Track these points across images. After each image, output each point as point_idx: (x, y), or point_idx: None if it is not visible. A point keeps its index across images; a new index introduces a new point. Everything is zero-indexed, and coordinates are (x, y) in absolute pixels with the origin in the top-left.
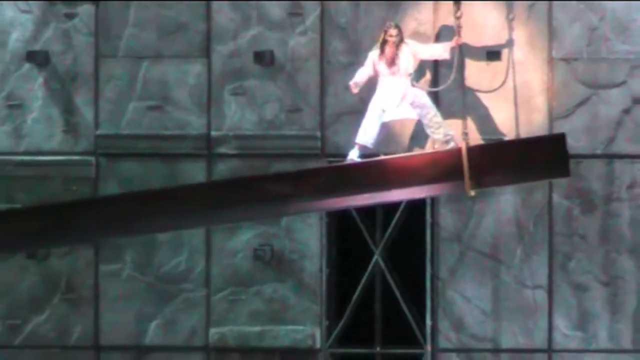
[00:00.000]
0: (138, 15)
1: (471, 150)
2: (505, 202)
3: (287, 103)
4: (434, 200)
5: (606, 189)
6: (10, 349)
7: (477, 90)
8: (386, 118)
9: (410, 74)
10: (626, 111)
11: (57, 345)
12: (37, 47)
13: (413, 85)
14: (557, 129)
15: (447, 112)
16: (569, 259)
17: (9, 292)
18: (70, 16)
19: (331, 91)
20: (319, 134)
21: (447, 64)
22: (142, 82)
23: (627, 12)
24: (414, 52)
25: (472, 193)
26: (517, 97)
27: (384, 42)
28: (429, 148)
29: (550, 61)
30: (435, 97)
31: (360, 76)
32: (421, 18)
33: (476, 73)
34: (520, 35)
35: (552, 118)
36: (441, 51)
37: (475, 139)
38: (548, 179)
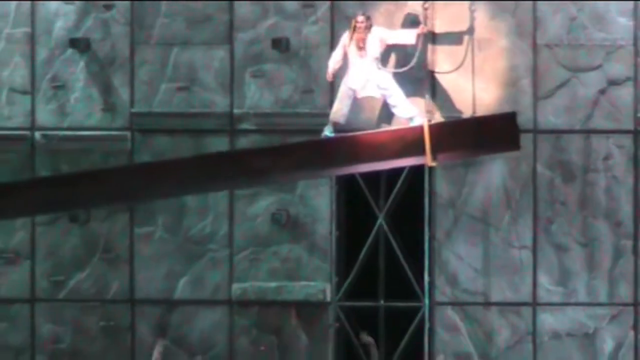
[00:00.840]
0: (168, 7)
1: (432, 127)
2: (495, 172)
3: (301, 84)
4: (431, 170)
5: (584, 161)
6: (55, 303)
7: (439, 72)
8: (358, 95)
9: (377, 58)
10: (602, 92)
11: (96, 299)
12: (78, 34)
13: (379, 68)
14: (541, 108)
15: (441, 94)
16: (551, 223)
17: (54, 252)
18: (108, 7)
19: (339, 74)
20: (328, 111)
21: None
22: (172, 66)
23: (604, 4)
24: (381, 37)
25: (433, 164)
26: (505, 79)
27: (354, 29)
28: (394, 125)
29: (535, 47)
30: (428, 82)
31: (333, 62)
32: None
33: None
34: (508, 24)
35: (536, 98)
36: (408, 37)
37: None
38: (501, 152)
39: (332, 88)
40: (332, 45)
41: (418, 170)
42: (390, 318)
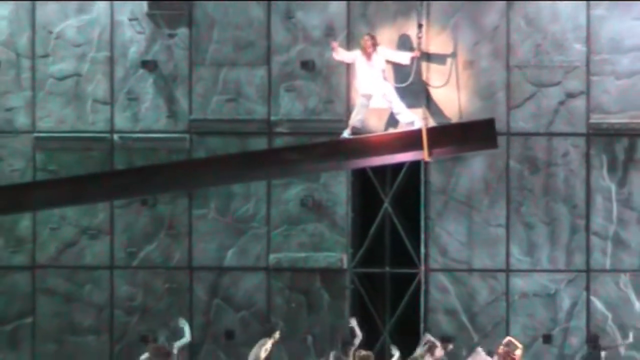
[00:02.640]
0: (219, 35)
1: (428, 129)
2: (476, 166)
3: (323, 96)
4: (426, 164)
5: (547, 157)
6: (130, 269)
7: (432, 87)
8: (371, 105)
9: (382, 70)
10: (561, 103)
11: (162, 266)
12: (148, 57)
13: (384, 79)
14: (513, 116)
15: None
16: (520, 206)
17: (128, 229)
18: (172, 35)
19: (354, 88)
20: (345, 118)
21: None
22: (222, 82)
23: (562, 33)
24: (384, 55)
25: (429, 159)
26: (485, 93)
27: (363, 47)
28: (398, 128)
29: (508, 67)
30: (424, 95)
31: (344, 54)
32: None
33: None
34: (487, 49)
35: (509, 108)
36: (403, 58)
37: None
38: (482, 150)
39: (348, 100)
40: (348, 66)
41: (415, 164)
42: (394, 281)
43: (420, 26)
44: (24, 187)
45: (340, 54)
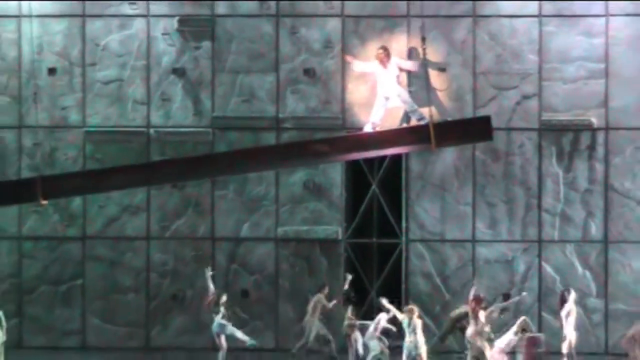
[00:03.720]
0: (236, 48)
1: (435, 125)
2: (448, 155)
3: (322, 98)
4: (407, 154)
5: (506, 148)
6: (163, 240)
7: (438, 90)
8: (388, 105)
9: (397, 75)
10: (518, 103)
11: (189, 237)
12: (178, 65)
13: (398, 83)
14: (478, 114)
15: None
16: (484, 188)
17: (162, 207)
18: (197, 47)
19: (348, 91)
20: (340, 116)
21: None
22: (239, 86)
23: (519, 46)
24: (397, 63)
25: (436, 149)
26: (454, 95)
27: (379, 59)
28: (411, 123)
29: (474, 74)
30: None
31: (361, 66)
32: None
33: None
34: (457, 59)
35: (475, 107)
36: (412, 66)
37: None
38: (481, 141)
39: (343, 101)
40: (343, 73)
41: (398, 154)
42: (380, 250)
43: (423, 39)
44: (98, 173)
45: (359, 66)
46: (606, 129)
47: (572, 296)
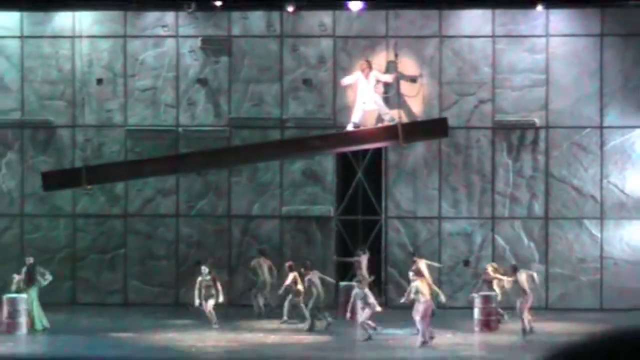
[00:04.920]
0: (248, 62)
1: (403, 125)
2: (419, 149)
3: (317, 103)
4: (386, 149)
5: (466, 142)
6: (189, 217)
7: (406, 96)
8: (365, 109)
9: (374, 85)
10: (475, 107)
11: (210, 215)
12: (202, 76)
13: (375, 92)
14: (444, 116)
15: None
16: (448, 175)
17: (188, 190)
18: (217, 62)
19: (338, 97)
20: (332, 117)
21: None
22: (250, 93)
23: (476, 61)
24: (376, 76)
25: (404, 145)
26: (425, 101)
27: (361, 69)
28: (384, 124)
29: (440, 83)
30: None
31: (348, 80)
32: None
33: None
34: (427, 71)
35: (441, 110)
36: (388, 78)
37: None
38: (440, 137)
39: (334, 105)
40: (335, 83)
41: (379, 148)
42: (364, 225)
43: (396, 55)
44: (140, 162)
45: (347, 81)
46: (546, 127)
47: (524, 276)
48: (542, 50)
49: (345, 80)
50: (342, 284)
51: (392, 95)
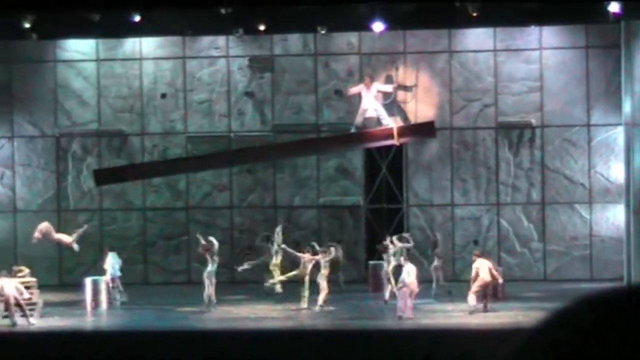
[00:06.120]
0: (288, 77)
1: (398, 127)
2: (433, 146)
3: (347, 110)
4: (406, 146)
5: (473, 141)
6: (241, 208)
7: (404, 102)
8: (367, 115)
9: (375, 95)
10: (481, 110)
11: (259, 206)
12: (249, 90)
13: (376, 101)
14: (454, 118)
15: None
16: (459, 169)
17: (239, 185)
18: (262, 77)
19: (361, 106)
20: (353, 122)
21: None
22: (291, 103)
23: (480, 71)
24: (377, 87)
25: (398, 143)
26: (437, 105)
27: (365, 82)
28: (383, 126)
29: (450, 91)
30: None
31: (353, 90)
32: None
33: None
34: (437, 81)
35: (451, 114)
36: (388, 89)
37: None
38: (428, 138)
39: (360, 112)
40: (359, 95)
41: (401, 146)
42: (389, 212)
43: (396, 69)
44: (175, 160)
45: (352, 91)
46: (542, 126)
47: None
48: (536, 61)
49: (351, 91)
50: (371, 262)
51: (388, 103)
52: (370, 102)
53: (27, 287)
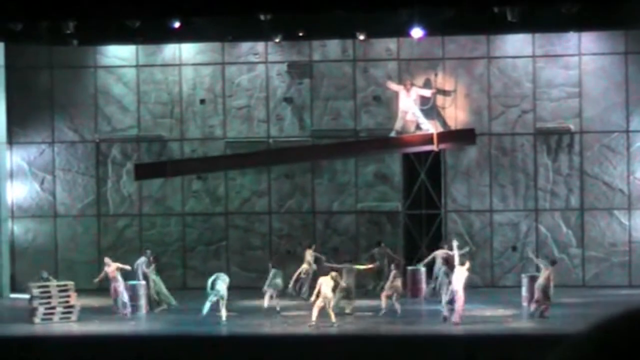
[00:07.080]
0: (327, 82)
1: (438, 133)
2: (472, 152)
3: (386, 115)
4: (444, 151)
5: (512, 146)
6: (279, 214)
7: (442, 108)
8: (406, 119)
9: (414, 100)
10: (519, 116)
11: (297, 211)
12: (288, 95)
13: (415, 104)
14: (493, 124)
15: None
16: (497, 174)
17: (278, 191)
18: (300, 83)
19: (400, 111)
20: (390, 127)
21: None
22: (329, 108)
23: (519, 77)
24: (417, 91)
25: (437, 149)
26: (476, 111)
27: (404, 85)
28: (423, 131)
29: (489, 96)
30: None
31: (392, 86)
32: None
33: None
34: (477, 87)
35: (490, 119)
36: (427, 93)
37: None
38: (468, 144)
39: (400, 115)
40: (397, 98)
41: (439, 151)
42: (427, 218)
43: (436, 74)
44: (213, 158)
45: (392, 87)
46: (580, 132)
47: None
48: (575, 67)
49: (390, 85)
50: (410, 268)
51: (428, 109)
52: (409, 106)
53: (64, 291)
